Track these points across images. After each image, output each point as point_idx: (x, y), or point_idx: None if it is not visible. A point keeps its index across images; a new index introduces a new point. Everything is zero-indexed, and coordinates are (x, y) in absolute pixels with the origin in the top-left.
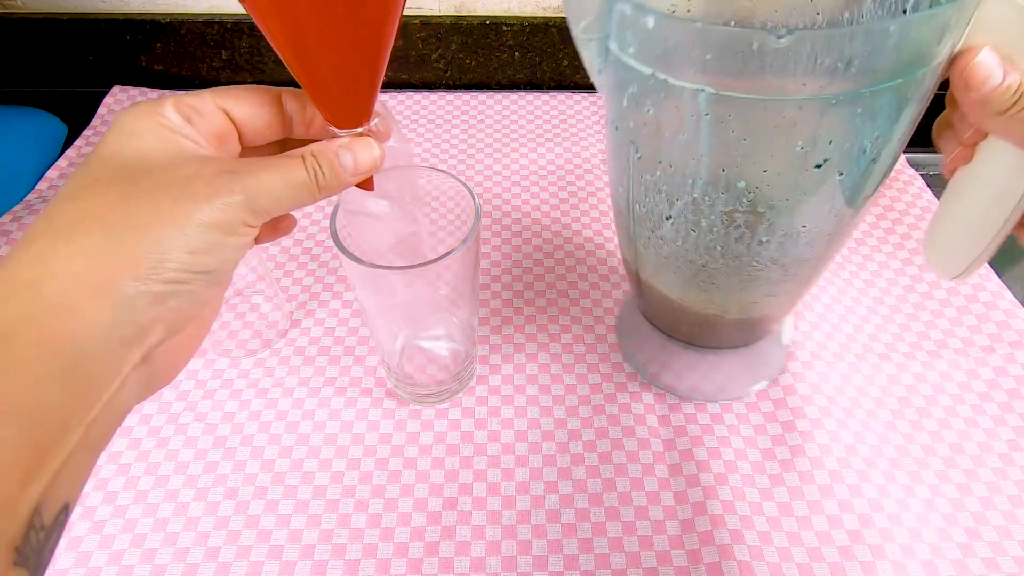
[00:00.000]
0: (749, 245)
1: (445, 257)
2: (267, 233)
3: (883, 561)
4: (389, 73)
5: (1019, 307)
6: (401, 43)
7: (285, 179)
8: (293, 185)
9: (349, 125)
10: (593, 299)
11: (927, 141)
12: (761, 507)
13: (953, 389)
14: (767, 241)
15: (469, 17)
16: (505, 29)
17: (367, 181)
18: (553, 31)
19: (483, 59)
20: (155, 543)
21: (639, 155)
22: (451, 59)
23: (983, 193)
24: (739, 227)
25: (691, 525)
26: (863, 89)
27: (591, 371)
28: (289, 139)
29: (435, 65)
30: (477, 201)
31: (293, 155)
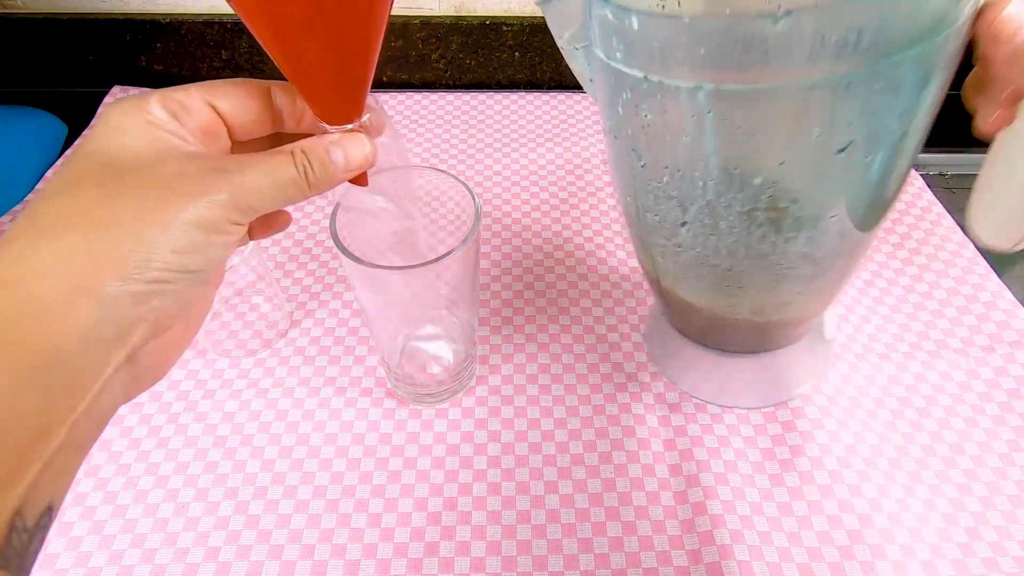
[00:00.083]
0: (775, 243)
1: (445, 257)
2: (260, 229)
3: (883, 561)
4: (389, 73)
5: (1019, 307)
6: (401, 43)
7: (273, 176)
8: (282, 182)
9: (340, 121)
10: (593, 299)
11: (927, 140)
12: (761, 507)
13: (953, 389)
14: (794, 237)
15: (469, 17)
16: (505, 29)
17: (361, 177)
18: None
19: (483, 59)
20: (155, 543)
21: (643, 163)
22: (451, 59)
23: None
24: (761, 225)
25: (691, 525)
26: (879, 63)
27: (591, 371)
28: (280, 134)
29: (435, 65)
30: (477, 201)
31: (282, 151)
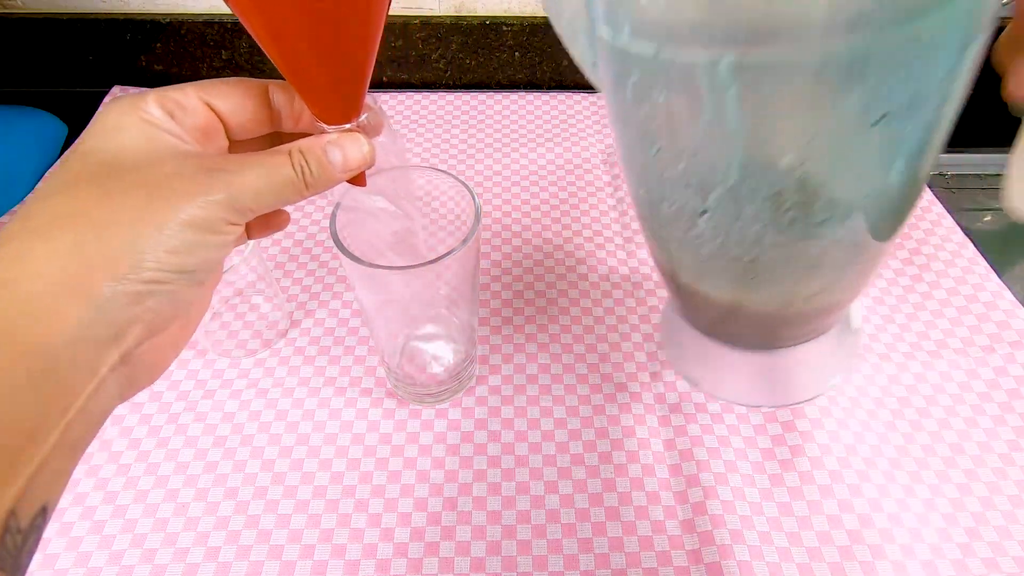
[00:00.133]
0: (805, 228)
1: (445, 257)
2: (259, 228)
3: (883, 561)
4: (389, 73)
5: (1019, 307)
6: (401, 43)
7: (270, 176)
8: (279, 182)
9: (338, 121)
10: (593, 299)
11: None
12: (761, 507)
13: (953, 389)
14: (827, 220)
15: (469, 17)
16: (505, 29)
17: (359, 177)
18: (553, 31)
19: (483, 59)
20: (155, 543)
21: (656, 149)
22: (451, 59)
23: None
24: (789, 210)
25: (691, 525)
26: (920, 22)
27: (591, 371)
28: (278, 133)
29: (435, 65)
30: (477, 201)
31: (279, 151)
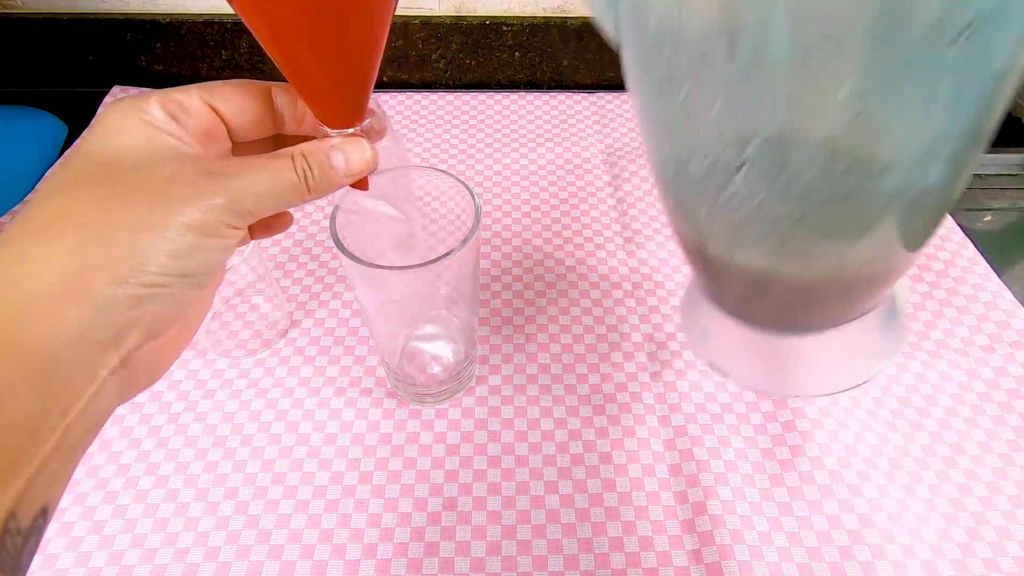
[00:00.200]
0: (863, 177)
1: (445, 257)
2: (261, 229)
3: (883, 561)
4: (389, 73)
5: (1019, 307)
6: (401, 43)
7: (272, 180)
8: (280, 186)
9: (341, 125)
10: (593, 299)
11: None
12: (761, 507)
13: (953, 389)
14: (890, 166)
15: (469, 17)
16: (505, 29)
17: (361, 181)
18: (553, 31)
19: (483, 59)
20: (155, 543)
21: (684, 94)
22: (451, 59)
23: None
24: (846, 155)
25: (691, 525)
26: None
27: (591, 371)
28: (281, 135)
29: (435, 65)
30: (477, 201)
31: (282, 155)
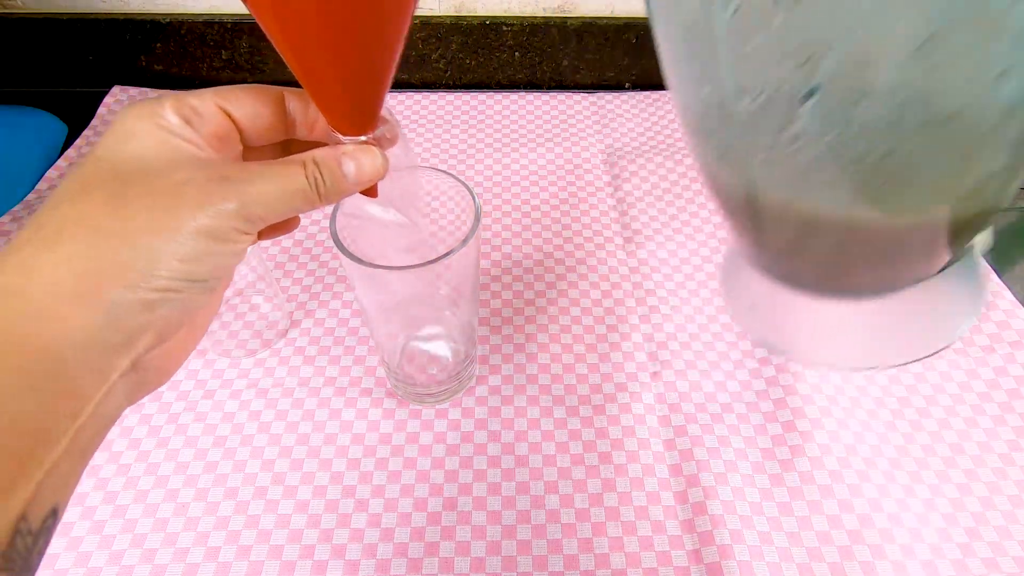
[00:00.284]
0: (968, 94)
1: (445, 257)
2: (268, 231)
3: (883, 561)
4: None
5: (1019, 307)
6: None
7: (283, 186)
8: (291, 193)
9: (353, 132)
10: (593, 299)
11: None
12: (761, 507)
13: (953, 389)
14: (1008, 70)
15: (469, 17)
16: (505, 29)
17: (371, 189)
18: (553, 31)
19: (483, 59)
20: (155, 543)
21: (735, 8)
22: (451, 59)
23: None
24: (951, 64)
25: (691, 525)
26: None
27: (591, 371)
28: (292, 140)
29: (435, 65)
30: (477, 201)
31: (294, 161)
